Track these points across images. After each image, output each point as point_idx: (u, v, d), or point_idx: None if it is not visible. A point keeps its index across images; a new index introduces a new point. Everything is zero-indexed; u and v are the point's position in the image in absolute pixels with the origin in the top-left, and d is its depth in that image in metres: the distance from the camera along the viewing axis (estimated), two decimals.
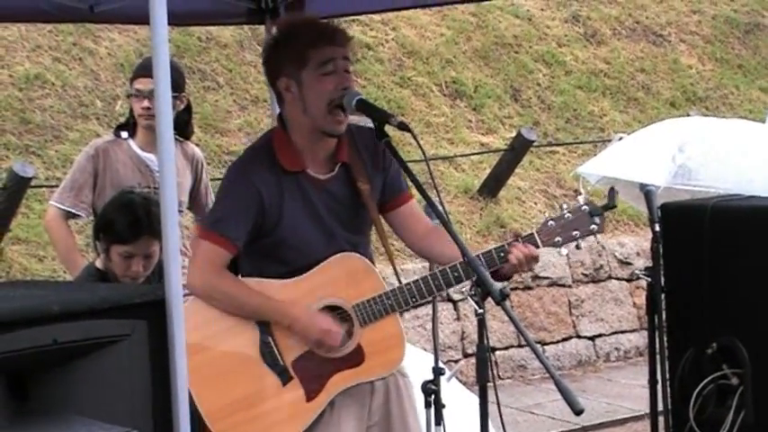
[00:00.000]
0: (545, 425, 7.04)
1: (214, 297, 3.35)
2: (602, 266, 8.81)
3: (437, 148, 9.17)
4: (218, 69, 9.09)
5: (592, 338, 8.69)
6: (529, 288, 8.41)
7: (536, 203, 9.17)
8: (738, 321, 4.30)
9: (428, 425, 3.56)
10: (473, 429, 3.24)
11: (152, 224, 3.97)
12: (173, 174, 2.84)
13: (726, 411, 4.27)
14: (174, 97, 4.41)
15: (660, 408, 4.46)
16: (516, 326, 3.03)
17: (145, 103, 4.79)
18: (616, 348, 8.77)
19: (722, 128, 5.32)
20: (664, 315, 4.40)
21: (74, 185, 4.89)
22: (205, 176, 5.20)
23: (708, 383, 4.32)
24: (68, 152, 7.60)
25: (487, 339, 3.14)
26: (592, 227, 3.44)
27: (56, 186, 5.52)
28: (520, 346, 8.16)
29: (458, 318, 8.04)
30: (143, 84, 4.78)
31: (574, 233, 3.43)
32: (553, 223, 3.43)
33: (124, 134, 4.94)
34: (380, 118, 3.31)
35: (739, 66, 11.97)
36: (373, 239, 3.61)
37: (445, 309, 7.95)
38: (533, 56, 10.71)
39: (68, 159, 7.29)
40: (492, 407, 3.12)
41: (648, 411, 4.54)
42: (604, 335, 8.74)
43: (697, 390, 4.33)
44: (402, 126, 3.26)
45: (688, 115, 10.04)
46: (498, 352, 8.08)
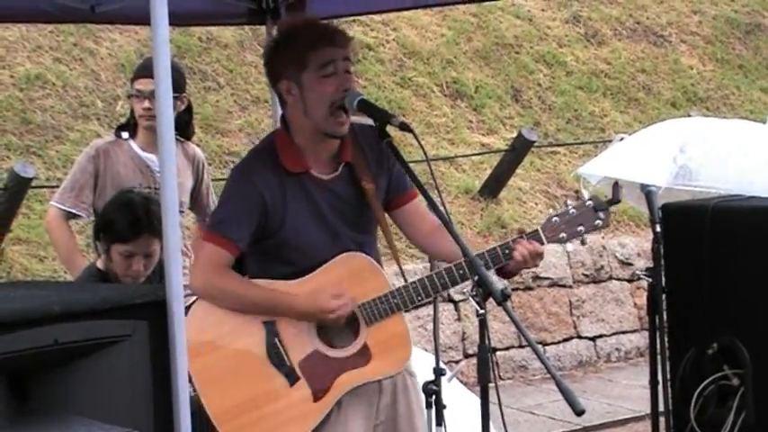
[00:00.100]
0: (546, 425, 7.04)
1: (216, 296, 3.34)
2: (602, 267, 8.81)
3: (438, 149, 9.16)
4: (218, 70, 9.09)
5: (593, 339, 8.68)
6: (530, 288, 8.40)
7: (537, 204, 9.16)
8: (739, 322, 4.30)
9: (429, 425, 3.57)
10: (474, 430, 3.24)
11: (152, 223, 3.98)
12: (173, 174, 2.84)
13: (727, 412, 4.27)
14: (175, 98, 4.41)
15: (661, 408, 4.46)
16: (517, 326, 3.02)
17: (146, 104, 4.79)
18: (617, 349, 8.77)
19: (723, 128, 5.32)
20: (665, 315, 4.40)
21: (74, 186, 4.89)
22: (206, 177, 5.19)
23: (709, 384, 4.33)
24: (69, 152, 7.60)
25: (489, 340, 3.13)
26: (597, 222, 3.43)
27: (56, 187, 5.52)
28: (521, 347, 8.16)
29: (459, 318, 8.04)
30: (144, 84, 4.78)
31: (579, 228, 3.42)
32: (557, 219, 3.41)
33: (125, 135, 4.94)
34: (382, 118, 3.30)
35: (740, 66, 11.96)
36: (379, 238, 3.60)
37: (446, 309, 7.94)
38: (534, 56, 10.71)
39: (69, 160, 7.29)
40: (493, 407, 3.12)
41: (649, 412, 4.54)
42: (605, 335, 8.73)
43: (698, 390, 4.34)
44: (403, 126, 3.25)
45: (689, 116, 10.03)
46: (499, 352, 8.06)
